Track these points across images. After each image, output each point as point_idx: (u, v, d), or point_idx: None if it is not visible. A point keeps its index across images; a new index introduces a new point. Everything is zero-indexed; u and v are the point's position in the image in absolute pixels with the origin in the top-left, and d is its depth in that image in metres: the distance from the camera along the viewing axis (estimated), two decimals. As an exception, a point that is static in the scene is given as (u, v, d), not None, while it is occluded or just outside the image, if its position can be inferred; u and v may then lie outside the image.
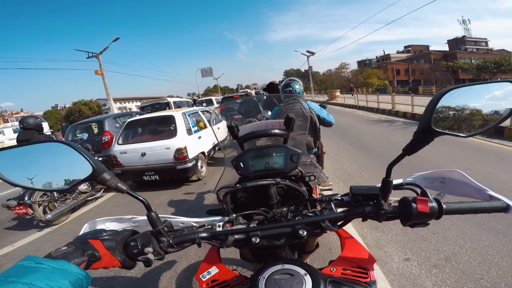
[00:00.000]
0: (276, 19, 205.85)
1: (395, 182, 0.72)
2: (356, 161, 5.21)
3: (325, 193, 2.57)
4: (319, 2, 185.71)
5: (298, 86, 2.61)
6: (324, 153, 2.95)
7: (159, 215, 0.66)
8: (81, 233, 0.67)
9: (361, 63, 63.95)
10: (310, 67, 35.20)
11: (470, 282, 1.89)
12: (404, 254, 2.30)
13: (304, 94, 2.93)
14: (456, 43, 52.66)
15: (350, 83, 44.73)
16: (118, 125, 6.69)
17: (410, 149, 0.59)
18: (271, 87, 5.12)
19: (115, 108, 20.73)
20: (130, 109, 40.58)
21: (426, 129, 0.56)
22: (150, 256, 0.59)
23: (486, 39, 54.89)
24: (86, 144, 5.40)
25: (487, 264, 2.05)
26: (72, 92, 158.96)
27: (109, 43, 17.95)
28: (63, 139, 8.00)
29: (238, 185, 0.78)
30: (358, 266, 0.71)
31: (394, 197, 0.69)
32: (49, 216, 3.83)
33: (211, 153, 5.70)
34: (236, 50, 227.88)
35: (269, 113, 2.46)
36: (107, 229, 0.68)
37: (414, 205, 0.60)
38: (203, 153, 5.25)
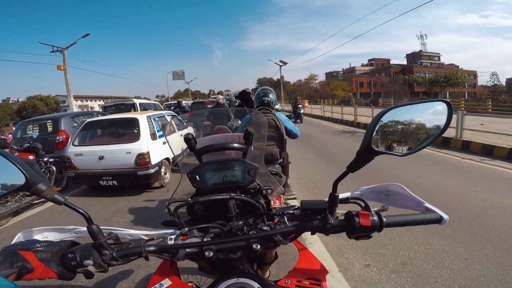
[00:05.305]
0: (253, 28, 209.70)
1: (342, 195, 0.75)
2: (320, 170, 5.37)
3: (290, 202, 2.61)
4: (294, 14, 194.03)
5: (273, 96, 2.72)
6: (290, 163, 3.02)
7: (105, 227, 0.65)
8: (13, 242, 0.64)
9: (328, 75, 67.32)
10: (282, 77, 36.15)
11: (426, 285, 2.00)
12: (364, 260, 2.38)
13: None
14: (414, 57, 57.28)
15: (318, 93, 46.69)
16: (76, 124, 6.23)
17: (354, 166, 0.63)
18: (243, 96, 5.15)
19: (75, 106, 19.58)
20: (92, 108, 38.14)
21: (367, 149, 0.60)
22: (91, 268, 0.57)
23: (439, 53, 60.40)
24: (35, 143, 4.94)
25: (440, 267, 2.19)
26: (29, 86, 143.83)
27: (78, 39, 17.10)
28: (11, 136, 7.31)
29: (190, 199, 0.75)
30: (312, 278, 0.73)
31: (342, 210, 0.70)
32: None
33: (176, 160, 5.50)
34: (211, 55, 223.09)
35: (239, 121, 2.47)
36: (42, 239, 0.66)
37: (356, 219, 0.62)
38: (167, 159, 5.03)
